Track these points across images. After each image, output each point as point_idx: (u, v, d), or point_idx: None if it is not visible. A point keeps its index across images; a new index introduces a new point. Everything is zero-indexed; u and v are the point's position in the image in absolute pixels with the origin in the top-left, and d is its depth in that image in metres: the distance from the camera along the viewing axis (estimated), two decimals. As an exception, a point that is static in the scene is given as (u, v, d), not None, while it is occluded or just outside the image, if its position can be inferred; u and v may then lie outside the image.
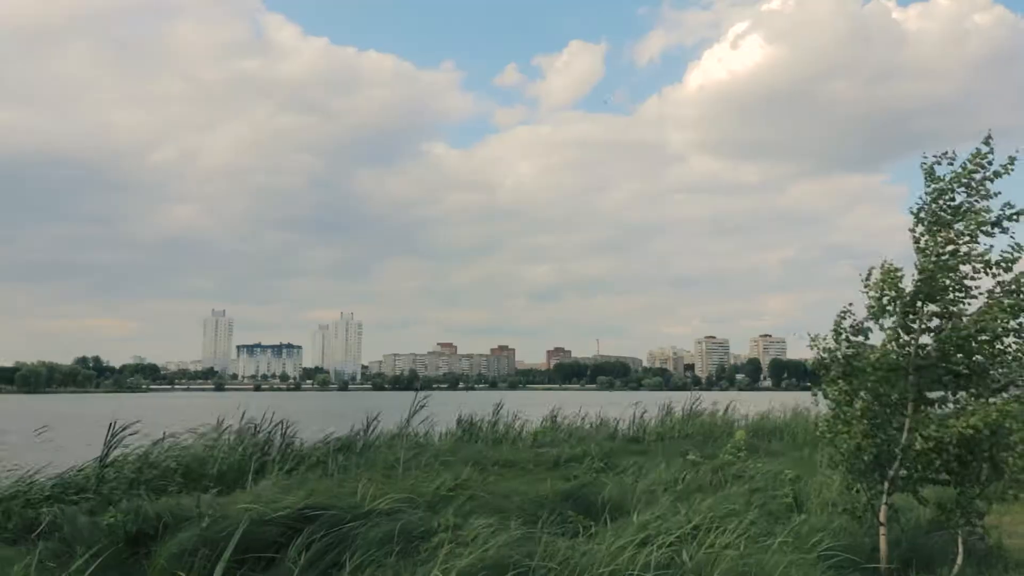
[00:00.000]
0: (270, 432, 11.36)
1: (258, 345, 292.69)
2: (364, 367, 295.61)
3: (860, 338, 7.57)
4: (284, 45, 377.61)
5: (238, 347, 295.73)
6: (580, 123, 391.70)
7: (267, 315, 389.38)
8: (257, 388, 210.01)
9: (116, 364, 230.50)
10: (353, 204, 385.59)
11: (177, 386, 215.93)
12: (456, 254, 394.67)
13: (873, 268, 7.69)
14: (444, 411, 15.87)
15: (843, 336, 7.55)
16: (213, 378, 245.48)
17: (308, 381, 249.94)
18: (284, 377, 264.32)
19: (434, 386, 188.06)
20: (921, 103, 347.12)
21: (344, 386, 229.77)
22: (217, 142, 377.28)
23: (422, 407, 13.38)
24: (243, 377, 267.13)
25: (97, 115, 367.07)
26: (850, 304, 7.65)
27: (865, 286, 7.67)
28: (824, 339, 7.62)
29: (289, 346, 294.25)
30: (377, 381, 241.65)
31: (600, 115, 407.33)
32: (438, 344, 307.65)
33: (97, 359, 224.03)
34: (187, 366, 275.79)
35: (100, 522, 6.72)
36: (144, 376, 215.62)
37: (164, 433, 9.88)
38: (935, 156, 7.62)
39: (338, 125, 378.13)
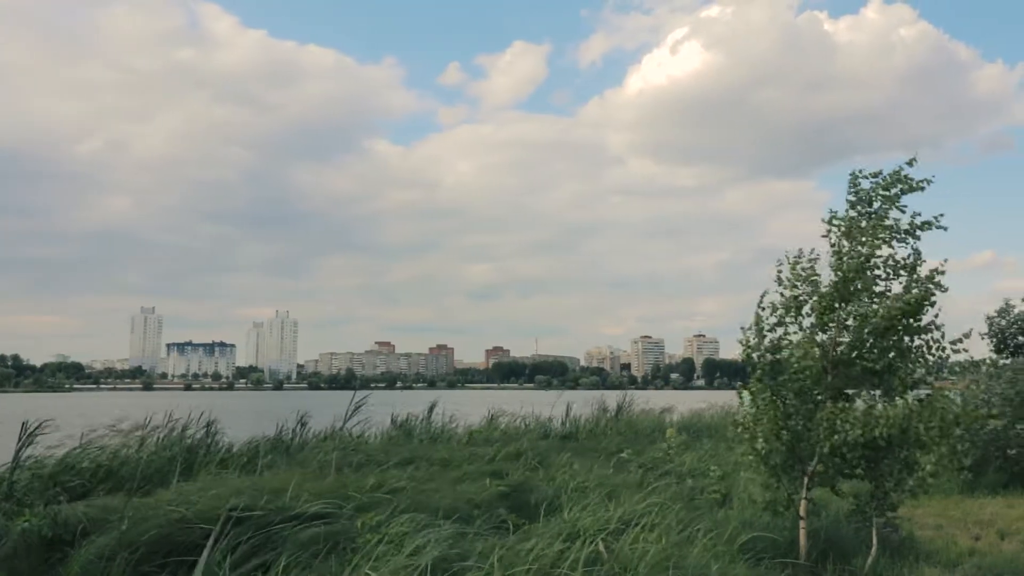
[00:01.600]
0: (197, 432, 11.05)
1: (189, 343, 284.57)
2: (300, 366, 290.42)
3: (779, 332, 7.84)
4: (220, 36, 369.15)
5: (168, 345, 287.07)
6: (522, 123, 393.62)
7: (199, 312, 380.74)
8: (188, 387, 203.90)
9: (37, 362, 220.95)
10: (291, 199, 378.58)
11: (103, 385, 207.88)
12: (395, 252, 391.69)
13: (780, 264, 8.00)
14: (381, 410, 15.71)
15: (763, 329, 7.80)
16: (141, 377, 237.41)
17: (241, 380, 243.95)
18: (216, 376, 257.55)
19: (372, 385, 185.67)
20: (850, 112, 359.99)
21: (279, 385, 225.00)
22: (150, 133, 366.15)
23: (360, 407, 13.19)
24: (173, 376, 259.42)
25: (21, 102, 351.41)
26: (764, 292, 7.94)
27: (778, 281, 7.96)
28: (748, 330, 7.86)
29: (222, 344, 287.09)
30: (313, 380, 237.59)
31: (542, 116, 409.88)
32: (376, 343, 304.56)
33: (16, 357, 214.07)
34: (114, 365, 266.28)
35: (13, 528, 6.43)
36: (67, 375, 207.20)
37: (83, 434, 9.51)
38: (865, 174, 8.03)
39: (276, 118, 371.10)
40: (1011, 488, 12.14)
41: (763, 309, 7.89)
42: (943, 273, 7.59)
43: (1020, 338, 32.25)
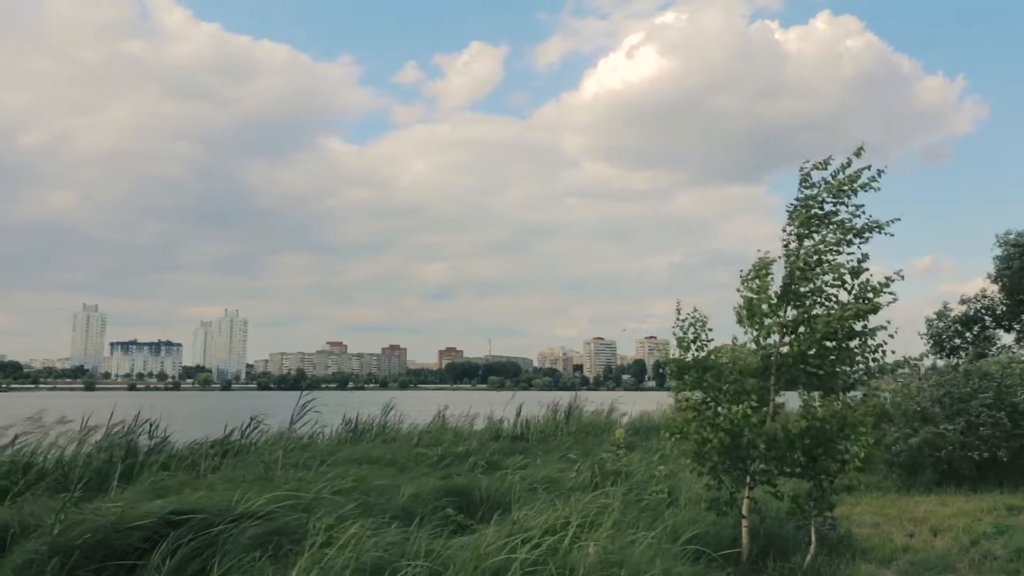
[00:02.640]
0: (139, 433, 10.78)
1: (133, 342, 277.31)
2: (249, 366, 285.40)
3: (700, 343, 7.99)
4: (172, 28, 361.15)
5: (112, 344, 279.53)
6: (479, 124, 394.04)
7: (145, 311, 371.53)
8: (132, 387, 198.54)
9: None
10: (242, 196, 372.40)
11: (42, 385, 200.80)
12: (349, 251, 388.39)
13: (743, 269, 8.14)
14: (331, 411, 15.54)
15: (692, 340, 7.96)
16: (83, 377, 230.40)
17: (188, 380, 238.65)
18: (162, 376, 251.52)
19: (323, 386, 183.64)
20: (798, 120, 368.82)
21: (227, 385, 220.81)
22: (95, 126, 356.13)
23: (307, 408, 13.02)
24: (117, 376, 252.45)
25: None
26: (695, 310, 8.07)
27: (742, 282, 8.09)
28: (680, 341, 8.01)
29: (168, 343, 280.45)
30: (263, 381, 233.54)
31: (498, 117, 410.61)
32: (327, 343, 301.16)
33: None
34: (54, 364, 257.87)
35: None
36: (4, 374, 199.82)
37: (15, 435, 9.20)
38: (813, 163, 8.11)
39: (227, 114, 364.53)
40: (944, 487, 12.56)
41: (683, 320, 8.03)
42: (894, 280, 7.74)
43: (956, 340, 33.51)
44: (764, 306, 7.88)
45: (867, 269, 7.83)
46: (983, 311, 33.19)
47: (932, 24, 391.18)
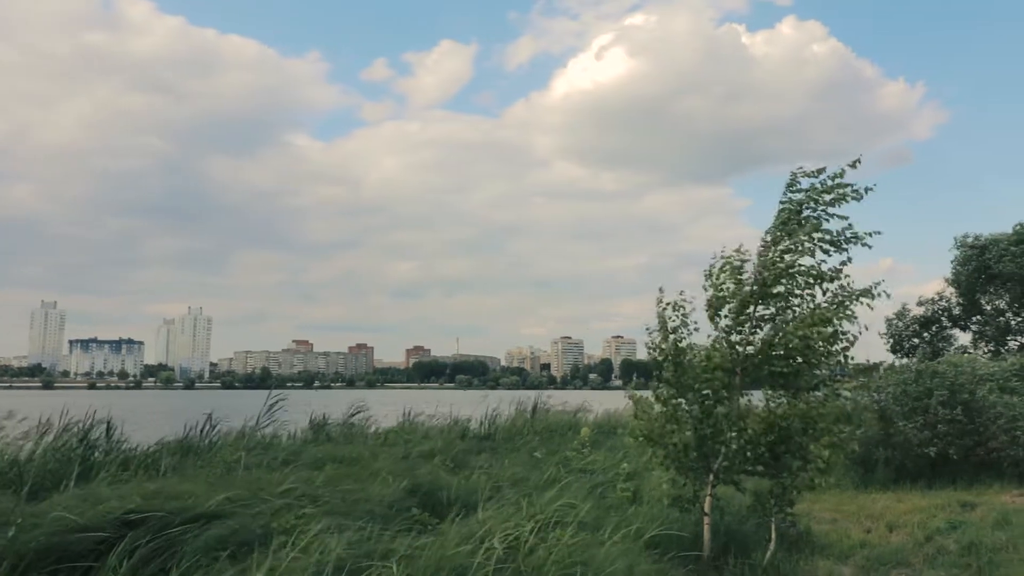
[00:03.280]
0: (98, 432, 10.56)
1: (94, 340, 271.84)
2: (213, 364, 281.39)
3: (685, 331, 8.05)
4: (136, 21, 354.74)
5: (71, 342, 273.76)
6: (448, 122, 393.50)
7: (106, 308, 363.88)
8: (92, 386, 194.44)
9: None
10: (207, 192, 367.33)
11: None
12: (317, 248, 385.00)
13: (714, 262, 8.19)
14: (296, 410, 15.38)
15: (670, 328, 8.00)
16: (41, 375, 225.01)
17: (150, 379, 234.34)
18: (123, 375, 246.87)
19: (288, 385, 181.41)
20: (764, 123, 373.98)
21: (190, 384, 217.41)
22: (56, 119, 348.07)
23: (274, 407, 12.88)
24: (76, 375, 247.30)
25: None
26: (684, 296, 8.12)
27: (707, 278, 8.16)
28: (653, 333, 8.06)
29: (130, 341, 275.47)
30: (227, 379, 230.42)
31: (468, 116, 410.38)
32: (293, 341, 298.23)
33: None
34: (10, 362, 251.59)
35: None
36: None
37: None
38: (805, 171, 8.16)
39: (192, 109, 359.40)
40: (900, 483, 12.84)
41: (665, 309, 8.07)
42: (875, 296, 7.83)
43: (914, 340, 34.26)
44: (730, 304, 7.96)
45: (847, 275, 7.89)
46: (940, 312, 34.05)
47: (893, 31, 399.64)
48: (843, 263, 7.94)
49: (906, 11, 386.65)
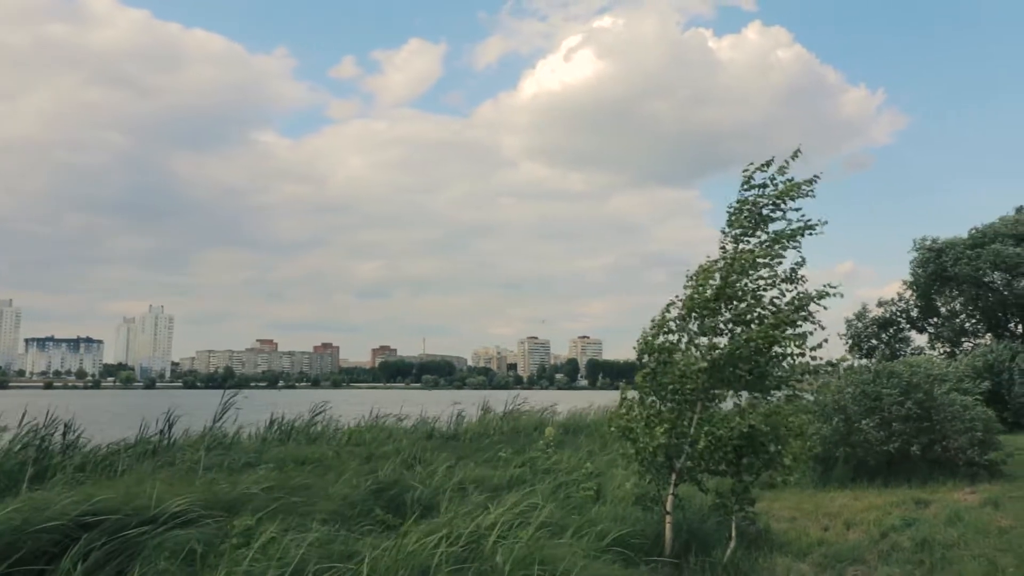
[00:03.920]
0: (53, 432, 10.33)
1: (50, 338, 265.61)
2: (175, 364, 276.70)
3: (675, 336, 8.13)
4: (98, 13, 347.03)
5: (27, 340, 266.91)
6: (416, 121, 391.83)
7: (64, 306, 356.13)
8: (48, 386, 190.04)
9: None
10: (171, 189, 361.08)
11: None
12: (282, 247, 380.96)
13: (690, 268, 8.29)
14: (259, 410, 15.19)
15: (665, 327, 8.06)
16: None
17: (109, 379, 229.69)
18: (81, 374, 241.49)
19: (252, 384, 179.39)
20: (729, 127, 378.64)
21: (151, 384, 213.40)
22: (14, 112, 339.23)
23: (230, 406, 12.69)
24: (32, 374, 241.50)
25: None
26: (676, 296, 8.21)
27: (688, 282, 8.24)
28: (651, 329, 8.12)
29: (88, 340, 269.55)
30: (188, 379, 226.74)
31: (436, 115, 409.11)
32: (258, 341, 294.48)
33: None
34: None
35: None
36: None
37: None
38: (757, 165, 8.28)
39: (156, 104, 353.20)
40: (857, 482, 13.10)
41: (669, 310, 8.14)
42: (831, 295, 7.97)
43: (873, 340, 34.97)
44: (702, 307, 8.05)
45: (802, 276, 8.04)
46: (899, 314, 34.86)
47: (855, 38, 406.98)
48: (797, 264, 8.10)
49: (867, 18, 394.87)
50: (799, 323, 7.88)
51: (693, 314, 8.08)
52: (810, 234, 8.15)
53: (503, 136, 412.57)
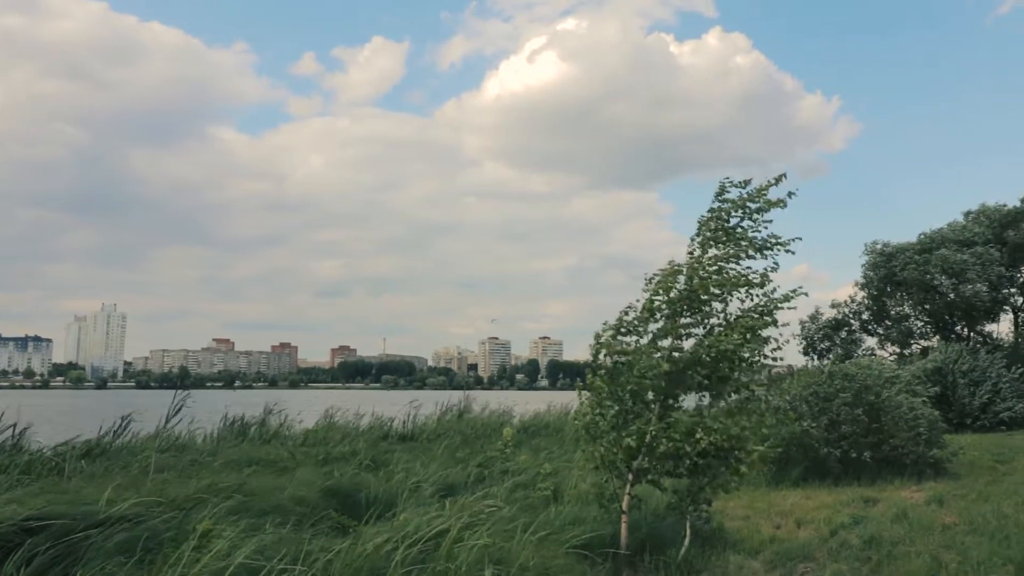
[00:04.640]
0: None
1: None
2: (128, 363, 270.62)
3: (632, 338, 8.17)
4: (54, 4, 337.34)
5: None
6: (378, 120, 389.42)
7: (12, 304, 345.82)
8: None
9: None
10: (126, 184, 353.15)
11: None
12: (240, 245, 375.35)
13: (655, 273, 8.33)
14: (214, 410, 14.97)
15: (623, 327, 8.10)
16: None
17: (59, 378, 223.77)
18: (29, 373, 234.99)
19: (208, 384, 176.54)
20: (689, 131, 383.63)
21: (102, 384, 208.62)
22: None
23: (183, 405, 12.48)
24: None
25: None
26: (636, 300, 8.26)
27: (647, 286, 8.29)
28: (606, 330, 8.15)
29: (36, 339, 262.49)
30: (142, 379, 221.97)
31: (398, 114, 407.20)
32: (214, 340, 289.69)
33: None
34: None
35: None
36: None
37: None
38: (734, 182, 8.37)
39: (111, 97, 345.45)
40: (809, 481, 13.35)
41: (627, 312, 8.18)
42: (796, 296, 8.09)
43: (826, 342, 35.71)
44: (663, 311, 8.11)
45: (772, 281, 8.15)
46: (851, 316, 35.66)
47: (812, 46, 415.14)
48: (768, 269, 8.20)
49: (825, 27, 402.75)
50: (764, 328, 8.00)
51: (655, 316, 8.14)
52: (782, 251, 8.23)
53: (466, 136, 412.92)
